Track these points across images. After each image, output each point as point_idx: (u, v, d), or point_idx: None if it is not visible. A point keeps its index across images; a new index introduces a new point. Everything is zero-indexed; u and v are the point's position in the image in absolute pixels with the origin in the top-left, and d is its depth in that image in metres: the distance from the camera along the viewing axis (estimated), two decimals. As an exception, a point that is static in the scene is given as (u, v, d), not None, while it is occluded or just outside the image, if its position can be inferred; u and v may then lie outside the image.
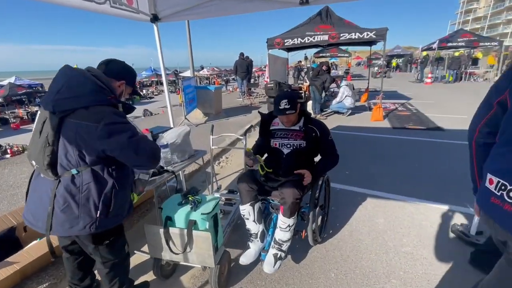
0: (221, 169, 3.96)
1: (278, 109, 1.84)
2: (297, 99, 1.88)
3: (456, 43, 13.97)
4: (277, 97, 1.88)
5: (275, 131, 2.01)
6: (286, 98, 1.81)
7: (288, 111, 1.81)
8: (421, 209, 2.63)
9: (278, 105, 1.83)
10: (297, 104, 1.85)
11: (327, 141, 1.93)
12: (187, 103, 6.07)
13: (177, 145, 2.24)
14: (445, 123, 5.82)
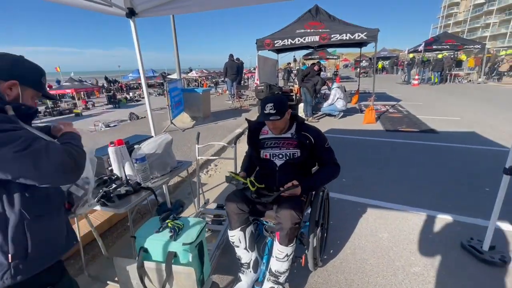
0: (209, 178, 3.67)
1: (263, 113, 1.61)
2: (286, 104, 1.65)
3: (441, 46, 14.28)
4: (264, 100, 1.64)
5: (265, 140, 1.76)
6: (272, 102, 1.58)
7: (272, 117, 1.57)
8: (426, 220, 2.45)
9: (263, 109, 1.60)
10: (284, 109, 1.61)
11: (324, 149, 1.69)
12: (173, 107, 5.75)
13: (156, 157, 1.95)
14: (438, 125, 5.76)
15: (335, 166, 1.69)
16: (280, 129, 1.68)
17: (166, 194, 2.78)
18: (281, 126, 1.67)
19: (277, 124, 1.64)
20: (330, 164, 1.68)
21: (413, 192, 2.97)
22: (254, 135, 1.79)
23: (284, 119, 1.63)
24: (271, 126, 1.67)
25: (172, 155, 2.13)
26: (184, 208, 2.87)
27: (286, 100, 1.67)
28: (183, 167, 2.19)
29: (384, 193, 2.97)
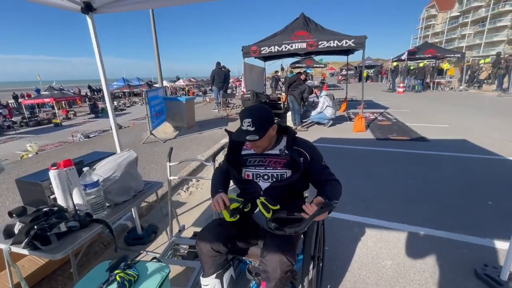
0: (190, 196, 3.30)
1: (240, 130, 1.29)
2: (269, 119, 1.31)
3: (423, 55, 14.67)
4: (242, 112, 1.32)
5: (248, 156, 1.43)
6: (250, 117, 1.25)
7: (249, 136, 1.23)
8: (431, 242, 2.18)
9: (241, 124, 1.28)
10: (265, 126, 1.28)
11: (321, 167, 1.37)
12: (154, 117, 5.36)
13: (115, 180, 1.59)
14: (428, 133, 5.65)
15: (336, 182, 1.36)
16: (263, 147, 1.37)
17: (136, 218, 2.39)
18: (263, 145, 1.35)
19: (258, 143, 1.32)
20: (332, 180, 1.36)
21: (412, 207, 2.72)
22: (235, 149, 1.47)
23: (266, 137, 1.31)
24: (250, 145, 1.37)
25: (137, 176, 1.78)
26: (158, 234, 2.49)
27: (271, 113, 1.35)
28: (152, 189, 1.83)
29: (381, 209, 2.71)
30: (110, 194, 1.58)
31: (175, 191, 3.36)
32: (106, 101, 2.04)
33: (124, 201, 1.66)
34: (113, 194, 1.59)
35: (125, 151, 1.80)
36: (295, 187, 1.38)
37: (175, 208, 2.92)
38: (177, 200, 3.16)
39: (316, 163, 1.37)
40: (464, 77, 14.99)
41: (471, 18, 47.38)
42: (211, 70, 9.07)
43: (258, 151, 1.38)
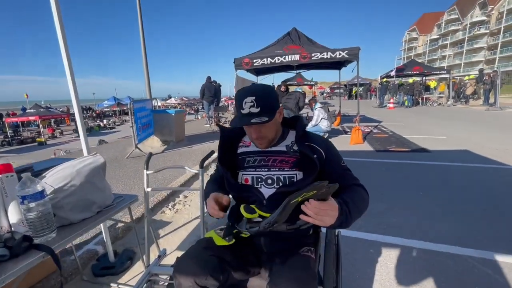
0: (176, 214, 2.88)
1: (240, 115, 0.99)
2: (275, 98, 1.04)
3: (410, 72, 15.10)
4: (239, 92, 1.01)
5: (246, 155, 1.10)
6: (253, 94, 0.96)
7: (255, 118, 0.94)
8: (461, 263, 1.84)
9: (240, 108, 0.98)
10: (274, 105, 1.00)
11: (341, 169, 1.03)
12: (139, 129, 4.99)
13: (70, 192, 1.22)
14: (427, 144, 5.47)
15: (362, 188, 1.00)
16: (269, 139, 1.05)
17: (108, 241, 1.96)
18: (269, 134, 1.03)
19: (264, 131, 1.01)
20: (357, 186, 1.01)
21: (431, 222, 2.40)
22: (230, 147, 1.13)
23: (274, 122, 1.01)
24: (254, 135, 1.03)
25: (103, 188, 1.40)
26: (135, 261, 2.05)
27: (275, 92, 1.06)
28: (122, 204, 1.45)
29: (395, 225, 2.37)
30: (62, 210, 1.19)
31: (159, 209, 2.93)
32: (72, 98, 1.69)
33: (84, 219, 1.27)
34: (67, 210, 1.20)
35: (89, 155, 1.43)
36: None
37: (157, 228, 2.50)
38: (160, 219, 2.74)
39: (334, 164, 1.04)
40: (451, 93, 15.39)
41: (450, 41, 50.29)
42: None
43: (263, 145, 1.05)
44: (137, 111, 4.92)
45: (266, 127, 1.00)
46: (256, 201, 1.03)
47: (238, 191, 1.07)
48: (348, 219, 0.84)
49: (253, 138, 1.05)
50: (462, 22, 46.79)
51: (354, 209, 0.88)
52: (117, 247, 2.20)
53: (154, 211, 2.87)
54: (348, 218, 0.84)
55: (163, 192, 3.19)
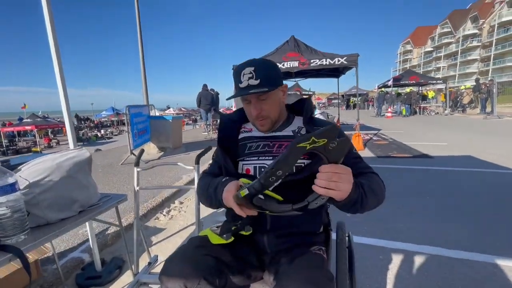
0: (171, 221, 2.71)
1: (239, 88, 0.87)
2: (278, 71, 0.92)
3: (407, 81, 15.26)
4: (236, 67, 0.90)
5: (247, 141, 0.97)
6: (253, 65, 0.85)
7: (254, 89, 0.83)
8: (482, 270, 1.69)
9: (239, 80, 0.86)
10: (276, 77, 0.89)
11: (353, 157, 0.91)
12: (135, 135, 4.86)
13: (48, 187, 1.08)
14: (429, 150, 5.38)
15: (376, 176, 0.88)
16: (271, 120, 0.92)
17: (95, 248, 1.79)
18: (272, 113, 0.91)
19: (266, 108, 0.89)
20: (369, 174, 0.88)
21: (442, 227, 2.26)
22: (229, 132, 1.00)
23: (276, 98, 0.90)
24: (255, 112, 0.89)
25: (88, 185, 1.26)
26: (124, 270, 1.88)
27: (278, 67, 0.95)
28: (108, 204, 1.30)
29: (404, 230, 2.23)
30: (38, 208, 1.05)
31: (152, 215, 2.77)
32: (60, 91, 1.58)
33: (63, 219, 1.13)
34: (43, 207, 1.06)
35: (74, 148, 1.30)
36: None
37: (150, 235, 2.34)
38: (153, 225, 2.57)
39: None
40: (448, 102, 15.51)
41: (444, 53, 51.45)
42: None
43: (265, 127, 0.93)
44: (133, 116, 4.82)
45: (268, 104, 0.88)
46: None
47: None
48: (363, 199, 0.73)
49: (253, 118, 0.92)
50: (454, 35, 48.04)
51: (370, 192, 0.76)
52: (106, 255, 2.03)
53: (147, 217, 2.70)
54: (363, 198, 0.73)
55: (158, 198, 3.03)
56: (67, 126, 1.57)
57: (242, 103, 0.94)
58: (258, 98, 0.87)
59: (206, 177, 1.00)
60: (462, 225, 2.27)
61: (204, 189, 0.93)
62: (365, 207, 0.76)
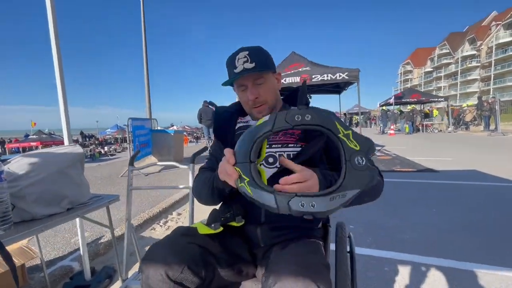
0: (167, 231, 2.62)
1: (234, 74, 0.85)
2: (271, 58, 0.91)
3: (408, 99, 15.38)
4: (230, 55, 0.88)
5: (243, 130, 0.93)
6: (246, 50, 0.84)
7: (248, 71, 0.82)
8: (498, 284, 1.57)
9: (233, 66, 0.85)
10: (269, 65, 0.88)
11: None
12: (136, 147, 4.87)
13: (36, 180, 1.05)
14: (433, 165, 5.27)
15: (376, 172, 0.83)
16: (269, 106, 0.90)
17: (85, 256, 1.71)
18: (269, 97, 0.89)
19: (262, 93, 0.87)
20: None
21: (449, 238, 2.14)
22: (225, 123, 0.97)
23: (272, 82, 0.89)
24: (252, 97, 0.85)
25: (79, 182, 1.23)
26: (114, 280, 1.79)
27: (271, 56, 0.94)
28: (99, 203, 1.26)
29: (410, 242, 2.11)
30: (24, 201, 1.01)
31: (149, 225, 2.69)
32: (58, 89, 1.59)
33: (50, 215, 1.09)
34: (29, 201, 1.03)
35: (68, 145, 1.28)
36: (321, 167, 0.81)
37: (144, 245, 2.25)
38: (149, 236, 2.49)
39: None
40: (450, 120, 15.49)
41: (444, 73, 52.31)
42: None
43: (263, 114, 0.89)
44: (135, 129, 4.85)
45: (264, 88, 0.87)
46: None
47: None
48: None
49: (250, 105, 0.89)
50: (453, 56, 49.10)
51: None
52: (97, 264, 1.94)
53: (143, 227, 2.62)
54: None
55: (155, 208, 2.96)
56: (63, 124, 1.57)
57: (238, 92, 0.92)
58: (254, 82, 0.86)
59: (203, 173, 0.96)
60: (471, 237, 2.15)
61: (201, 184, 0.90)
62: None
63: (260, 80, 0.86)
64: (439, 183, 3.94)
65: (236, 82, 0.88)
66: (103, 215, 2.76)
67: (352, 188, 0.55)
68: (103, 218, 2.73)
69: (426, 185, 3.90)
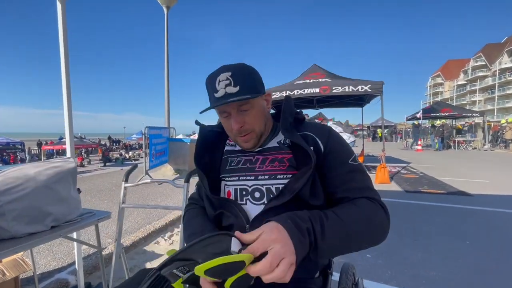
0: (171, 246, 2.53)
1: (214, 99, 0.71)
2: (258, 77, 0.75)
3: (438, 113, 14.46)
4: (210, 74, 0.73)
5: (228, 154, 0.83)
6: (229, 70, 0.69)
7: (233, 97, 0.67)
8: None
9: (213, 89, 0.70)
10: (256, 86, 0.72)
11: (345, 169, 0.71)
12: (152, 155, 4.93)
13: (19, 196, 1.00)
14: (466, 188, 4.77)
15: (369, 201, 0.66)
16: (256, 133, 0.75)
17: (79, 271, 1.65)
18: (256, 125, 0.74)
19: (249, 120, 0.73)
20: (364, 197, 0.67)
21: (486, 280, 1.83)
22: (210, 145, 0.84)
23: (259, 107, 0.75)
24: (236, 126, 0.72)
25: (67, 198, 1.17)
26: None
27: (258, 73, 0.77)
28: (87, 221, 1.19)
29: (439, 281, 1.83)
30: (3, 218, 0.96)
31: (154, 239, 2.62)
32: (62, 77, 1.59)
33: (31, 233, 1.03)
34: (9, 218, 0.97)
35: (61, 158, 1.24)
36: (306, 205, 0.67)
37: (145, 261, 2.17)
38: (152, 250, 2.41)
39: (338, 160, 0.71)
40: (487, 137, 14.27)
41: (479, 86, 48.99)
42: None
43: (250, 143, 0.76)
44: (152, 137, 4.93)
45: (251, 115, 0.72)
46: (235, 226, 0.72)
47: (215, 208, 0.78)
48: (318, 240, 0.54)
49: (235, 134, 0.75)
50: (490, 68, 45.98)
51: (335, 229, 0.57)
52: (94, 279, 1.88)
53: (147, 241, 2.56)
54: (317, 238, 0.55)
55: (161, 221, 2.90)
56: (66, 133, 1.55)
57: (220, 118, 0.78)
58: (238, 109, 0.72)
59: (190, 211, 0.85)
60: (510, 278, 1.83)
61: (185, 229, 0.80)
62: (326, 253, 0.57)
63: (245, 106, 0.71)
64: (474, 209, 3.52)
65: (217, 108, 0.74)
66: (103, 228, 2.74)
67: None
68: (104, 231, 2.71)
69: (457, 210, 3.50)
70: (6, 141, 18.69)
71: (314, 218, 0.57)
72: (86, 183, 5.81)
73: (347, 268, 0.92)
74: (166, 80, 6.44)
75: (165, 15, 6.71)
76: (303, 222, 0.55)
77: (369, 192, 0.68)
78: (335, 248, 0.58)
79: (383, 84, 5.44)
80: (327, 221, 0.57)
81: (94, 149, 23.70)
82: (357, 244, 0.61)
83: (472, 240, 2.51)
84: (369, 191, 0.68)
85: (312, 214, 0.58)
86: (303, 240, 0.52)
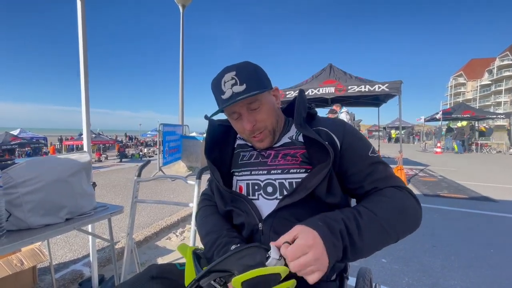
0: (183, 242, 2.55)
1: (221, 102, 0.68)
2: (263, 74, 0.72)
3: (459, 115, 13.83)
4: (215, 78, 0.71)
5: (241, 149, 0.80)
6: (234, 70, 0.67)
7: (241, 96, 0.64)
8: None
9: (220, 92, 0.68)
10: (264, 82, 0.70)
11: (366, 162, 0.67)
12: (166, 152, 5.00)
13: (36, 188, 1.01)
14: (490, 193, 4.52)
15: (399, 190, 0.64)
16: (269, 130, 0.72)
17: (94, 263, 1.69)
18: (269, 121, 0.71)
19: (260, 118, 0.69)
20: (392, 187, 0.65)
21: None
22: (221, 138, 0.82)
23: (269, 103, 0.71)
24: (249, 126, 0.69)
25: (82, 191, 1.18)
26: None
27: (263, 70, 0.74)
28: (100, 214, 1.20)
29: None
30: (20, 210, 0.98)
31: (165, 234, 2.65)
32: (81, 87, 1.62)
33: (47, 225, 1.04)
34: (25, 210, 0.99)
35: (76, 152, 1.26)
36: (321, 202, 0.65)
37: (156, 256, 2.19)
38: (163, 246, 2.43)
39: (357, 154, 0.68)
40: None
41: (505, 87, 46.50)
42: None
43: (265, 142, 0.73)
44: (165, 134, 5.00)
45: (262, 113, 0.69)
46: (246, 224, 0.70)
47: (227, 205, 0.75)
48: (355, 239, 0.53)
49: (248, 135, 0.73)
50: (517, 68, 43.51)
51: (370, 225, 0.55)
52: (108, 271, 1.92)
53: (158, 236, 2.59)
54: (354, 238, 0.53)
55: (174, 216, 2.93)
56: (84, 128, 1.59)
57: (231, 121, 0.75)
58: (248, 108, 0.69)
59: (205, 208, 0.84)
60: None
61: (200, 227, 0.79)
62: (366, 251, 0.56)
63: (255, 104, 0.68)
64: (499, 216, 3.32)
65: (226, 110, 0.71)
66: (117, 222, 2.80)
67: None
68: (118, 225, 2.76)
69: (481, 217, 3.31)
70: (30, 136, 19.77)
71: (348, 217, 0.55)
72: (102, 177, 5.99)
73: (364, 272, 0.88)
74: (180, 77, 6.52)
75: (181, 14, 6.79)
76: (337, 223, 0.53)
77: (394, 181, 0.66)
78: (373, 244, 0.56)
79: (401, 83, 5.24)
80: (361, 219, 0.55)
81: (112, 145, 24.54)
82: (394, 236, 0.58)
83: (497, 249, 2.36)
84: (394, 179, 0.67)
85: (345, 214, 0.56)
86: (337, 243, 0.51)
